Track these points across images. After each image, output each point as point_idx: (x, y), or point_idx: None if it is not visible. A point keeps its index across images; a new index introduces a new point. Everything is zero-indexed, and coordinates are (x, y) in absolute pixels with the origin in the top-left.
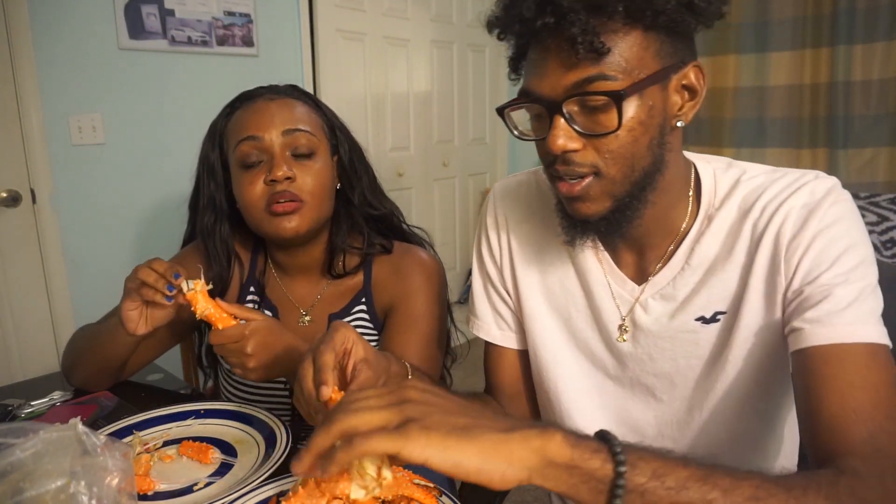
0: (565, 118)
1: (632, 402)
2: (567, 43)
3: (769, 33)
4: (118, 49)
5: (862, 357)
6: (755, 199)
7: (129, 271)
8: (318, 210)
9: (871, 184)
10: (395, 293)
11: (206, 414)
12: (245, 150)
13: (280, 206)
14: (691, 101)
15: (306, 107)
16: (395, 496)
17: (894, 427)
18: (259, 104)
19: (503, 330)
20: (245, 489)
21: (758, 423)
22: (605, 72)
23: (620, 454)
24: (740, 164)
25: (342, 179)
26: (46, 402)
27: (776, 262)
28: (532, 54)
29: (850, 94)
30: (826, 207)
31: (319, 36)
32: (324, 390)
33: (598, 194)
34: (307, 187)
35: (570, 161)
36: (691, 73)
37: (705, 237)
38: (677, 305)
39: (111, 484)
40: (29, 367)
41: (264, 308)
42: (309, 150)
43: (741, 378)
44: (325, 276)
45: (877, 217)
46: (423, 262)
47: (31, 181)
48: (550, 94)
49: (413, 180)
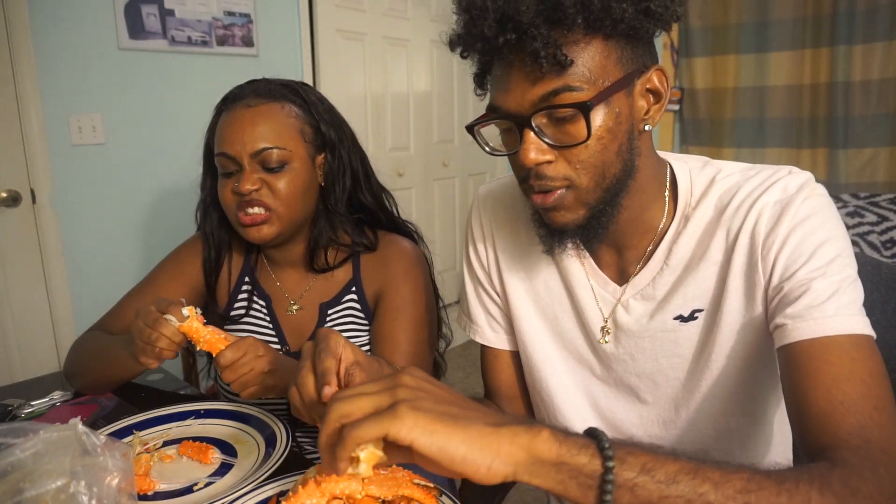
0: (535, 131)
1: (616, 402)
2: (530, 57)
3: (769, 33)
4: (118, 49)
5: (846, 349)
6: (730, 197)
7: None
8: (289, 216)
9: (871, 184)
10: (381, 282)
11: (206, 414)
12: (221, 161)
13: (248, 217)
14: (657, 105)
15: (287, 111)
16: (395, 496)
17: (883, 417)
18: (236, 113)
19: (497, 332)
20: (245, 489)
21: (745, 421)
22: (569, 83)
23: (608, 449)
24: (716, 163)
25: (326, 178)
26: (46, 402)
27: (753, 260)
28: (496, 70)
29: (849, 94)
30: (799, 202)
31: (319, 36)
32: (326, 390)
33: (571, 204)
34: (276, 196)
35: (543, 175)
36: (654, 77)
37: (682, 237)
38: (656, 305)
39: (111, 484)
40: (29, 367)
41: (257, 296)
42: (279, 163)
43: (725, 376)
44: (309, 269)
45: (877, 217)
46: (406, 250)
47: (31, 181)
48: (518, 108)
49: (413, 180)
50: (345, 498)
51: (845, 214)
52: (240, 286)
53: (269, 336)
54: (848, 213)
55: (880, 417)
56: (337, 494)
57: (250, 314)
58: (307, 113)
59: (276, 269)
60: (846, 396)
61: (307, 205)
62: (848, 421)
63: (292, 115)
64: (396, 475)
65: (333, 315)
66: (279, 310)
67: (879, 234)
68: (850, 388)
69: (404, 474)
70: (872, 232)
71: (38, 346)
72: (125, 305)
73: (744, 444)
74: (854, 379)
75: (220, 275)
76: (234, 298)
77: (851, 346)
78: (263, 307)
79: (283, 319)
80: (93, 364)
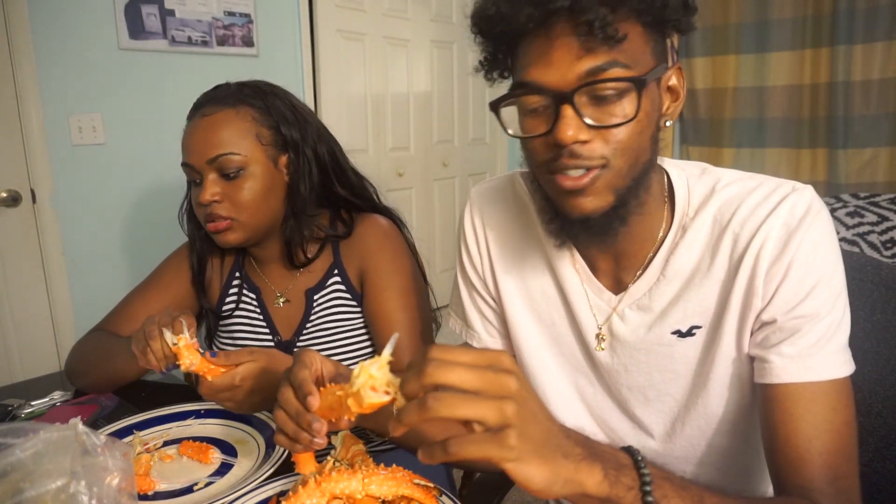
0: (575, 108)
1: (611, 412)
2: (583, 28)
3: (769, 33)
4: (118, 49)
5: (830, 396)
6: (732, 211)
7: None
8: (253, 222)
9: (871, 184)
10: (360, 259)
11: (206, 414)
12: (186, 171)
13: (212, 225)
14: (675, 103)
15: (242, 115)
16: (395, 496)
17: (851, 469)
18: (194, 122)
19: (493, 336)
20: (245, 489)
21: (741, 445)
22: (619, 59)
23: (649, 494)
24: (714, 171)
25: (292, 178)
26: (46, 402)
27: (754, 285)
28: (531, 45)
29: (849, 94)
30: (805, 230)
31: (319, 36)
32: (311, 400)
33: (602, 187)
34: (237, 204)
35: (579, 154)
36: (674, 76)
37: (680, 248)
38: (655, 317)
39: (111, 484)
40: (29, 367)
41: (247, 289)
42: (237, 169)
43: (723, 397)
44: (290, 266)
45: (877, 217)
46: (379, 224)
47: (31, 181)
48: (560, 83)
49: (413, 180)
50: (345, 498)
51: (845, 214)
52: (230, 281)
53: (261, 327)
54: (848, 213)
55: (849, 469)
56: (337, 494)
57: (241, 307)
58: (265, 115)
59: (261, 265)
60: (824, 447)
61: (272, 207)
62: (825, 472)
63: (248, 119)
64: (396, 475)
65: (320, 300)
66: (268, 301)
67: (879, 234)
68: (828, 439)
69: (404, 474)
70: (872, 232)
71: (38, 346)
72: (126, 308)
73: (738, 469)
74: (832, 430)
75: (207, 274)
76: (225, 293)
77: (834, 392)
78: (253, 300)
79: (273, 311)
80: (96, 364)
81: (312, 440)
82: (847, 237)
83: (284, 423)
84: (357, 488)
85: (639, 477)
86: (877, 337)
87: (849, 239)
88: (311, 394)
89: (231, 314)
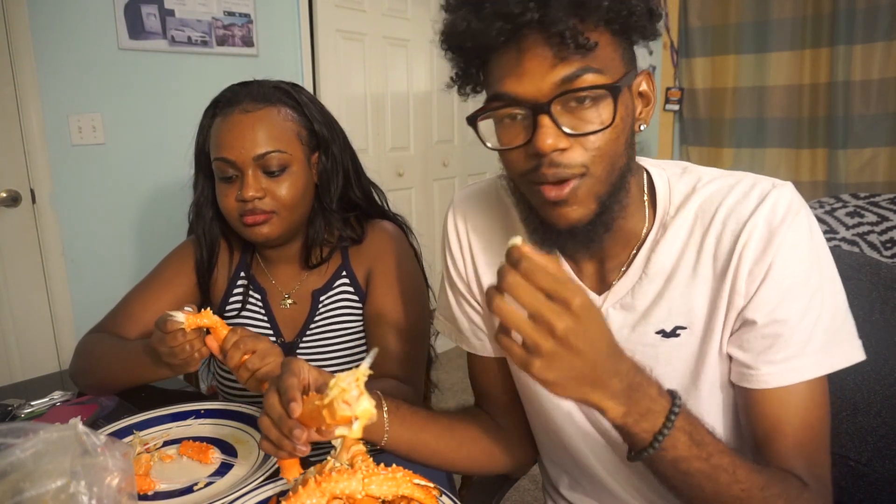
0: (552, 118)
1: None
2: (555, 38)
3: (769, 33)
4: (118, 49)
5: (808, 395)
6: (714, 209)
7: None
8: (290, 217)
9: (871, 184)
10: (370, 261)
11: (206, 414)
12: (220, 167)
13: (251, 218)
14: (647, 107)
15: (284, 114)
16: (395, 496)
17: (824, 458)
18: (234, 118)
19: (482, 340)
20: (245, 489)
21: (734, 442)
22: (591, 65)
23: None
24: (696, 170)
25: (321, 177)
26: (46, 402)
27: (737, 285)
28: (502, 58)
29: (849, 94)
30: (786, 229)
31: (319, 36)
32: (293, 406)
33: (584, 196)
34: (278, 200)
35: (558, 162)
36: (644, 81)
37: (661, 245)
38: (638, 317)
39: (111, 484)
40: (29, 367)
41: (252, 290)
42: (280, 167)
43: (716, 399)
44: (304, 266)
45: (877, 217)
46: (385, 228)
47: (31, 181)
48: (535, 93)
49: (413, 180)
50: (345, 498)
51: (845, 214)
52: (235, 281)
53: (265, 328)
54: (848, 213)
55: (822, 459)
56: (337, 494)
57: (246, 308)
58: (301, 114)
59: (271, 266)
60: (800, 442)
61: (306, 205)
62: (802, 462)
63: (289, 118)
64: (396, 475)
65: (326, 301)
66: (273, 303)
67: (879, 234)
68: (804, 434)
69: (404, 474)
70: (872, 232)
71: (38, 346)
72: (126, 307)
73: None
74: (807, 427)
75: (213, 273)
76: (229, 293)
77: (812, 391)
78: (259, 300)
79: (278, 312)
80: (107, 366)
81: (295, 447)
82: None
83: (268, 429)
84: (357, 488)
85: (662, 425)
86: (876, 337)
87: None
88: (295, 400)
89: (237, 314)
